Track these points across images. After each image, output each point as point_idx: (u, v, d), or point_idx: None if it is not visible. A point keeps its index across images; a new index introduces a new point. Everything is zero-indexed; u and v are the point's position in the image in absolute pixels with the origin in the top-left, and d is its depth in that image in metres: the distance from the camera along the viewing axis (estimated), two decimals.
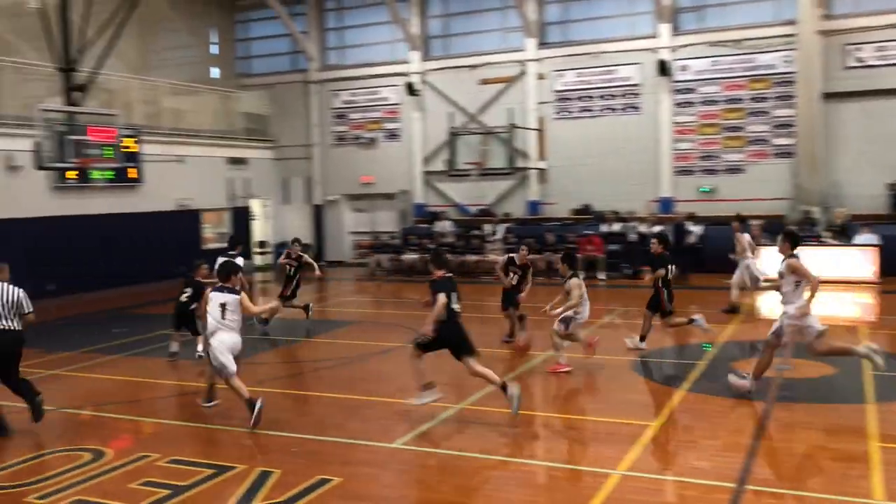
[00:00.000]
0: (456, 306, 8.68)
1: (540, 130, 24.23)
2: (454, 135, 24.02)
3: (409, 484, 7.21)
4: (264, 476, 7.04)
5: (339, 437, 8.33)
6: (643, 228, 21.73)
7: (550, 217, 23.92)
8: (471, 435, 8.35)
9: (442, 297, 8.45)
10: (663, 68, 22.46)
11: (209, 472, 7.24)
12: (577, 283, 11.03)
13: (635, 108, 23.26)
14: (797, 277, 8.75)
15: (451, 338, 8.63)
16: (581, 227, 22.47)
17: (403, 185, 26.27)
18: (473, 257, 22.65)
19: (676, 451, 7.92)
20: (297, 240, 17.01)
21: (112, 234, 21.13)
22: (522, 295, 12.75)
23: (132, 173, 21.02)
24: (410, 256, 23.45)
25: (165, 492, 6.78)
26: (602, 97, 23.60)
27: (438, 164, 25.18)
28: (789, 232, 9.38)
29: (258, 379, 11.04)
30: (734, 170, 22.38)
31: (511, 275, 12.83)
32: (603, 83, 23.56)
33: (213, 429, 8.76)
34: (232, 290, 8.78)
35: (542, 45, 24.32)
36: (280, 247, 28.00)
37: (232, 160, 25.96)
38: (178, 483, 6.96)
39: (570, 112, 24.02)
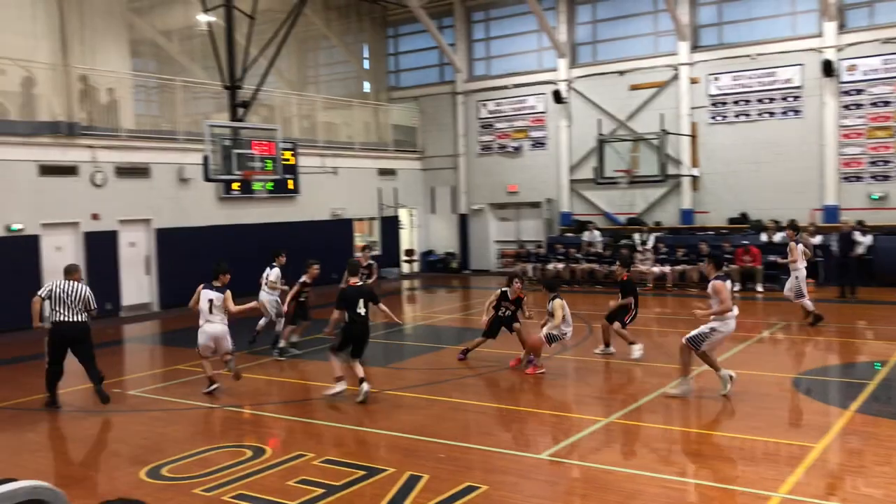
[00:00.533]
0: (361, 311, 10.09)
1: (693, 136, 23.44)
2: (602, 142, 23.64)
3: (556, 496, 7.11)
4: (413, 480, 7.15)
5: (485, 445, 8.34)
6: (805, 238, 20.53)
7: (704, 226, 23.05)
8: (619, 449, 8.15)
9: (336, 314, 10.16)
10: (828, 69, 21.17)
11: (360, 473, 7.43)
12: (559, 304, 11.46)
13: (797, 111, 22.05)
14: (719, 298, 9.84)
15: (353, 339, 10.19)
16: (737, 237, 21.51)
17: (550, 194, 26.12)
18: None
19: (843, 475, 7.39)
20: (367, 246, 16.96)
21: (271, 242, 22.20)
22: (517, 325, 12.33)
23: (290, 184, 22.07)
24: (556, 266, 23.25)
25: (320, 490, 7.02)
26: (760, 101, 22.53)
27: (586, 172, 24.86)
28: (712, 255, 10.47)
29: (406, 383, 11.28)
30: None
31: (504, 310, 12.39)
32: (761, 86, 22.48)
33: (363, 431, 8.99)
34: (219, 289, 11.09)
35: (696, 48, 23.53)
36: (427, 255, 28.61)
37: (382, 171, 26.74)
38: (332, 483, 7.19)
39: (725, 117, 23.09)
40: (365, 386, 10.04)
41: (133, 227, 19.54)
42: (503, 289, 12.46)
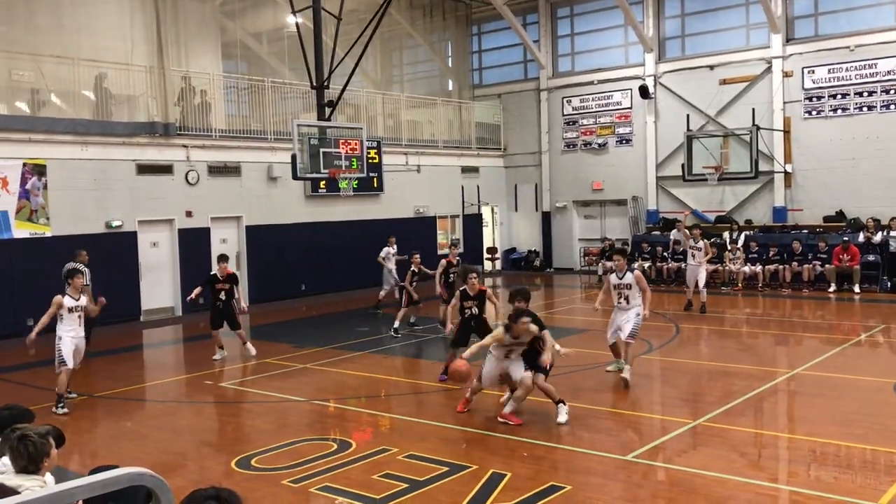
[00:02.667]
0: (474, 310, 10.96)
1: (786, 131, 22.63)
2: (690, 138, 23.06)
3: (641, 498, 6.98)
4: (496, 478, 7.14)
5: (568, 444, 8.27)
6: None
7: (798, 224, 22.23)
8: (707, 453, 7.94)
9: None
10: None
11: (444, 469, 7.47)
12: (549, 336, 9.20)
13: None
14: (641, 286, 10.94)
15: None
16: (833, 236, 20.68)
17: (635, 191, 25.66)
18: (710, 267, 21.59)
19: None
20: (454, 243, 17.27)
21: (356, 239, 22.59)
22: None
23: (374, 183, 22.35)
24: (643, 264, 22.81)
25: (404, 485, 7.08)
26: (859, 94, 21.57)
27: (673, 169, 24.31)
28: (620, 249, 12.04)
29: None
30: None
31: (467, 310, 10.96)
32: (860, 79, 21.52)
33: (447, 427, 9.03)
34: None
35: (790, 40, 22.70)
36: (509, 253, 28.53)
37: (465, 168, 26.79)
38: (416, 478, 7.25)
39: (820, 111, 22.21)
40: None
41: (224, 224, 20.14)
42: (462, 288, 11.22)
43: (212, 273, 13.71)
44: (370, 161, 19.24)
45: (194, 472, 7.86)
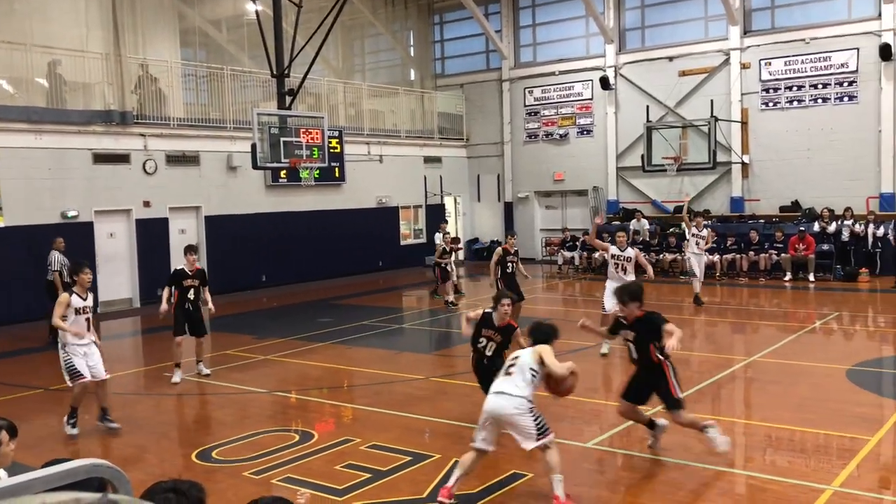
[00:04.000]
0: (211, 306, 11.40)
1: (744, 123, 22.98)
2: (650, 129, 23.29)
3: (602, 484, 7.07)
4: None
5: None
6: (857, 228, 20.09)
7: (755, 214, 22.62)
8: (666, 439, 8.04)
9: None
10: (886, 52, 20.54)
11: (407, 458, 7.48)
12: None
13: (852, 96, 21.46)
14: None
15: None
16: (789, 226, 21.07)
17: (596, 182, 25.87)
18: (670, 256, 21.91)
19: None
20: (514, 232, 15.60)
21: (318, 230, 22.46)
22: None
23: (336, 172, 22.21)
24: (603, 254, 23.03)
25: (366, 475, 7.08)
26: (814, 86, 21.97)
27: (633, 160, 24.55)
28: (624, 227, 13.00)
29: (452, 371, 11.32)
30: None
31: (485, 341, 8.20)
32: (815, 71, 21.92)
33: (409, 417, 9.04)
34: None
35: (747, 32, 23.03)
36: (472, 243, 28.59)
37: (427, 159, 26.76)
38: (379, 468, 7.25)
39: (777, 103, 22.59)
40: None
41: (183, 214, 19.87)
42: (486, 310, 8.39)
43: (178, 268, 11.41)
44: (332, 151, 19.10)
45: (154, 464, 7.77)
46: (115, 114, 18.12)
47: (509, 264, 13.51)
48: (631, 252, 12.18)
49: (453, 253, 18.15)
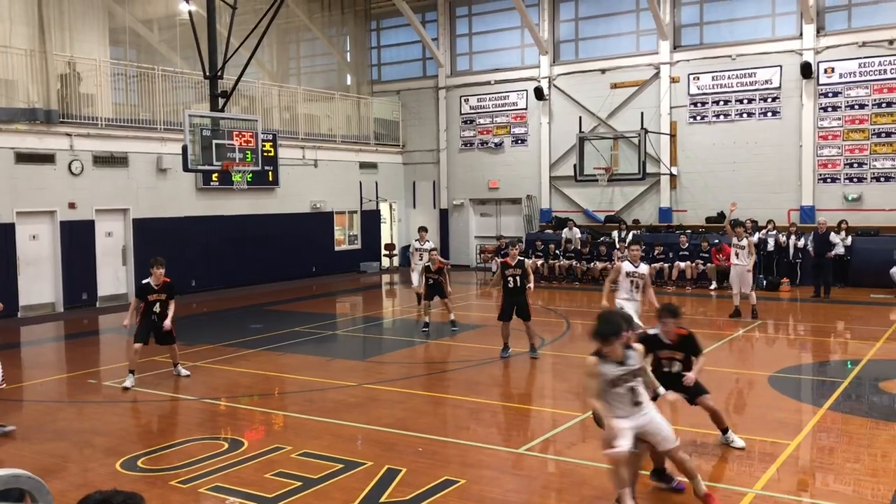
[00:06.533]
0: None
1: (672, 135, 23.59)
2: (582, 139, 23.70)
3: (534, 490, 7.14)
4: (391, 473, 7.16)
5: (463, 439, 8.37)
6: (782, 238, 20.82)
7: (682, 225, 23.20)
8: (596, 445, 8.17)
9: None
10: (807, 71, 21.38)
11: (338, 466, 7.43)
12: None
13: (775, 112, 22.25)
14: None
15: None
16: (714, 236, 21.69)
17: (530, 190, 26.19)
18: (601, 265, 22.30)
19: (815, 472, 7.49)
20: (513, 241, 13.87)
21: (250, 234, 22.14)
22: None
23: (270, 176, 21.94)
24: (535, 262, 23.32)
25: (297, 483, 7.00)
26: (739, 101, 22.72)
27: (566, 169, 24.93)
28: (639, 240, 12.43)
29: (384, 377, 11.30)
30: (884, 177, 21.02)
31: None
32: (740, 86, 22.67)
33: (341, 424, 8.97)
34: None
35: (677, 47, 23.67)
36: (407, 249, 28.58)
37: (363, 164, 26.67)
38: (310, 476, 7.18)
39: (704, 116, 23.26)
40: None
41: (110, 216, 19.36)
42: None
43: (144, 282, 11.11)
44: (265, 154, 18.85)
45: (76, 474, 7.53)
46: (40, 112, 17.57)
47: (510, 279, 12.23)
48: (644, 268, 11.41)
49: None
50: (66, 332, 16.63)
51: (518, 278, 12.18)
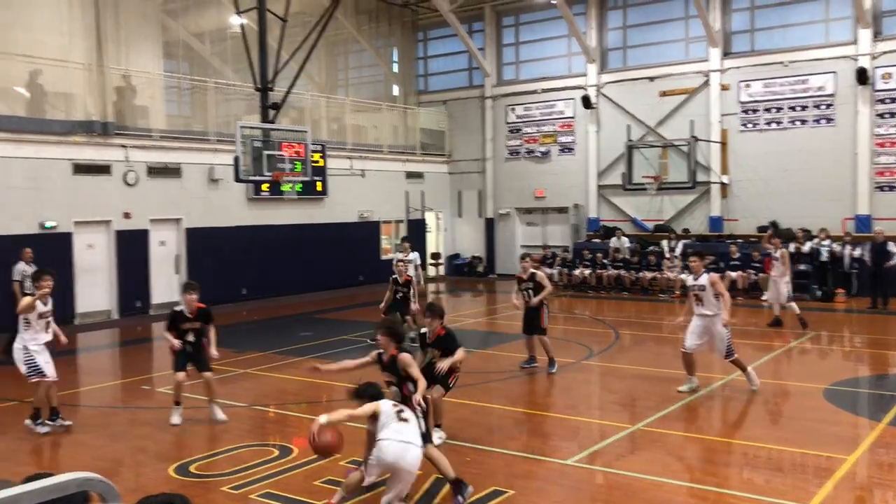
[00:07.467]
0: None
1: (723, 143, 23.24)
2: (631, 148, 23.52)
3: (582, 502, 7.08)
4: (439, 483, 7.16)
5: (511, 449, 8.34)
6: (836, 248, 20.34)
7: (733, 234, 22.83)
8: (645, 457, 8.10)
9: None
10: (863, 76, 20.90)
11: (386, 475, 7.44)
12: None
13: (829, 119, 21.79)
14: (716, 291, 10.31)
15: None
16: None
17: (577, 199, 26.03)
18: (650, 274, 22.06)
19: (874, 489, 7.29)
20: (525, 255, 13.54)
21: (299, 243, 22.40)
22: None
23: (318, 186, 22.20)
24: (583, 271, 23.18)
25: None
26: (792, 108, 22.29)
27: (614, 178, 24.75)
28: (698, 252, 11.43)
29: None
30: None
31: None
32: (793, 94, 22.25)
33: None
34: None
35: (727, 54, 23.35)
36: (453, 259, 28.62)
37: (409, 174, 26.82)
38: None
39: (755, 124, 22.88)
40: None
41: (164, 226, 19.76)
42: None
43: (176, 309, 9.85)
44: (314, 165, 19.05)
45: (130, 479, 7.68)
46: (97, 124, 18.04)
47: (521, 293, 12.06)
48: (705, 279, 10.37)
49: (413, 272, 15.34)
50: (120, 338, 17.00)
51: (530, 292, 11.88)
